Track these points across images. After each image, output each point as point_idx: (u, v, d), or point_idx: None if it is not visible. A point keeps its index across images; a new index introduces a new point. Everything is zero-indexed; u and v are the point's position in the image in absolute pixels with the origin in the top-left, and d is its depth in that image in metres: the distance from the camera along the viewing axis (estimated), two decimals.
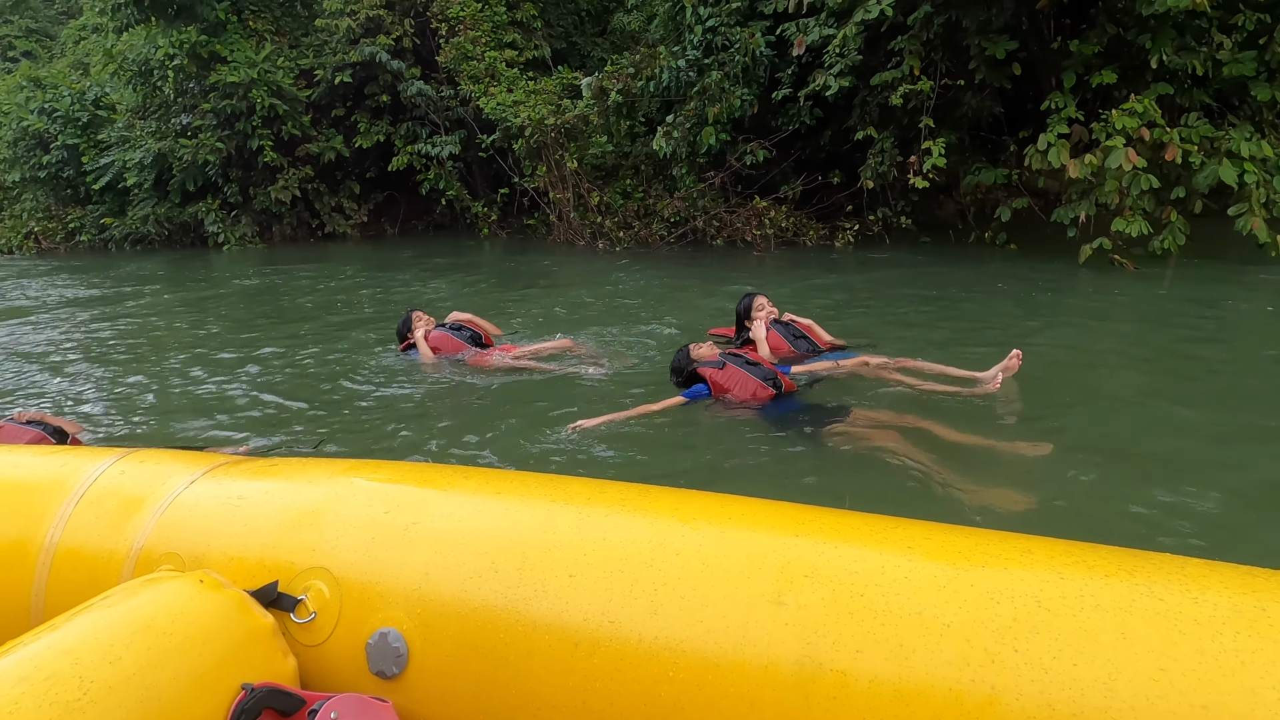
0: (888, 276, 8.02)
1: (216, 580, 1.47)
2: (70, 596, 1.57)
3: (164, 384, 5.58)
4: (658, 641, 1.24)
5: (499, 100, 11.74)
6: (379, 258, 12.29)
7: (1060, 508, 2.95)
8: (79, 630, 1.28)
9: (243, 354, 6.25)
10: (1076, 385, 4.31)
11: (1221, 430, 3.61)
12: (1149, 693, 1.00)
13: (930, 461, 3.26)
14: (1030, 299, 6.64)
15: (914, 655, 1.11)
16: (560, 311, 7.25)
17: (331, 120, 14.42)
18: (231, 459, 1.92)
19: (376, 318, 7.46)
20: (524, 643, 1.30)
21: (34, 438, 3.73)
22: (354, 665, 1.41)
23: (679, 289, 7.91)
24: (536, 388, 4.80)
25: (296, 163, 14.36)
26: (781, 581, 1.23)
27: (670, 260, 9.91)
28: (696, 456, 3.68)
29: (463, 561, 1.40)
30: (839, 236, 9.99)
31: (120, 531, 1.67)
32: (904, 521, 1.36)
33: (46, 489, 1.77)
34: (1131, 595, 1.10)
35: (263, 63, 13.62)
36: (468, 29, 12.87)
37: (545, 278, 9.76)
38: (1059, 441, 3.40)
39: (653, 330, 6.08)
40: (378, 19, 13.49)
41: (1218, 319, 5.70)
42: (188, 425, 4.57)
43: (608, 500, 1.48)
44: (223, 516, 1.63)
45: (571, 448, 3.75)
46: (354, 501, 1.58)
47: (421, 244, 13.64)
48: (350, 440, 4.15)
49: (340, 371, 5.51)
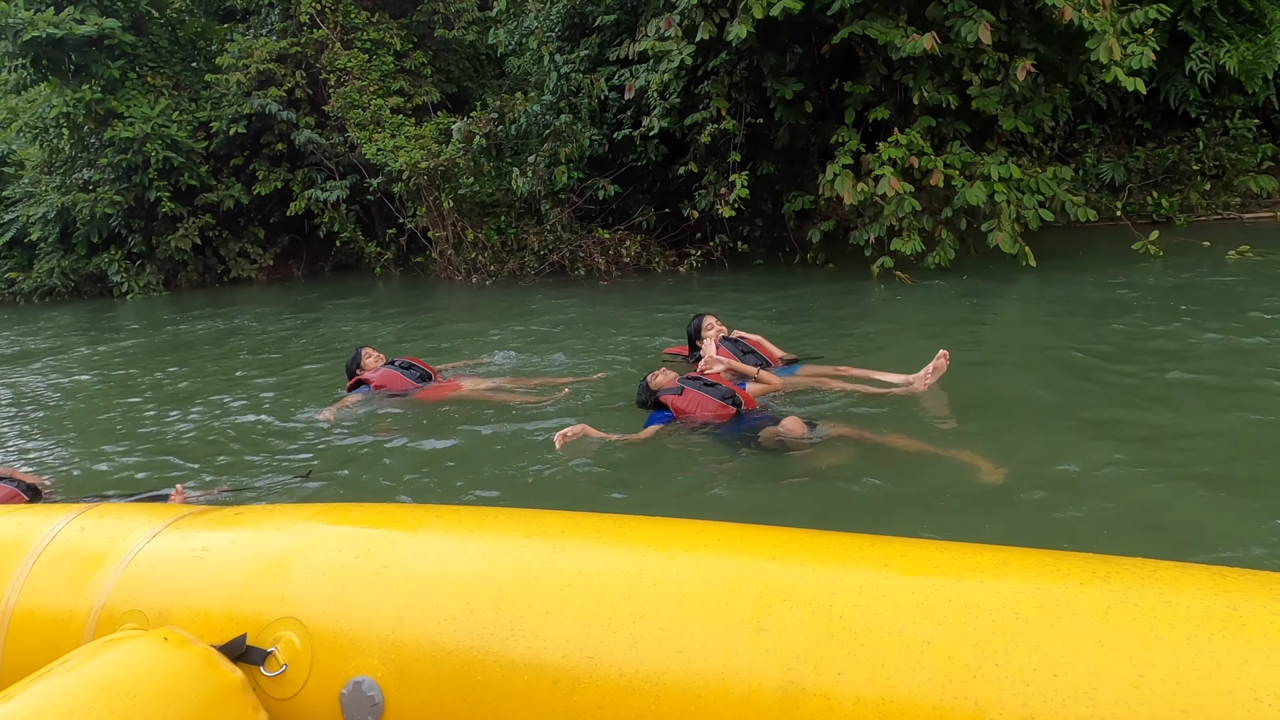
0: (725, 296, 8.90)
1: (182, 637, 1.42)
2: (29, 662, 1.51)
3: (110, 435, 5.44)
4: (638, 675, 1.22)
5: (380, 145, 12.49)
6: (280, 300, 12.75)
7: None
8: (37, 698, 1.23)
9: (178, 401, 6.16)
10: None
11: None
12: (1129, 699, 1.01)
13: (882, 470, 3.41)
14: (833, 311, 7.52)
15: (896, 675, 1.11)
16: (450, 344, 7.53)
17: (232, 169, 15.05)
18: (195, 509, 1.87)
19: (288, 360, 7.44)
20: (502, 684, 1.28)
21: (6, 494, 3.61)
22: (328, 717, 1.37)
23: (560, 316, 8.49)
24: (495, 419, 4.81)
25: (196, 211, 14.94)
26: (760, 607, 1.22)
27: (542, 290, 10.57)
28: (664, 480, 3.69)
29: (437, 604, 1.37)
30: (684, 262, 10.82)
31: (80, 591, 1.61)
32: (879, 539, 1.36)
33: (1, 550, 1.71)
34: (1107, 602, 1.11)
35: (157, 117, 14.19)
36: (355, 79, 13.75)
37: (432, 312, 10.25)
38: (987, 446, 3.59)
39: (558, 356, 6.32)
40: (269, 72, 14.28)
41: (993, 316, 6.57)
42: (145, 473, 4.46)
43: (582, 533, 1.47)
44: (187, 570, 1.59)
45: (537, 479, 3.76)
46: (323, 547, 1.54)
47: (323, 285, 14.25)
48: (312, 485, 4.06)
49: (287, 414, 5.40)
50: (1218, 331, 5.06)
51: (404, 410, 5.14)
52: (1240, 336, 4.94)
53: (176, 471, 4.42)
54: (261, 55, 14.20)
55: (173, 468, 4.52)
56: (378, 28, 14.32)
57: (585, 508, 2.03)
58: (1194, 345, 4.90)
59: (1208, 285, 6.73)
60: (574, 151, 10.80)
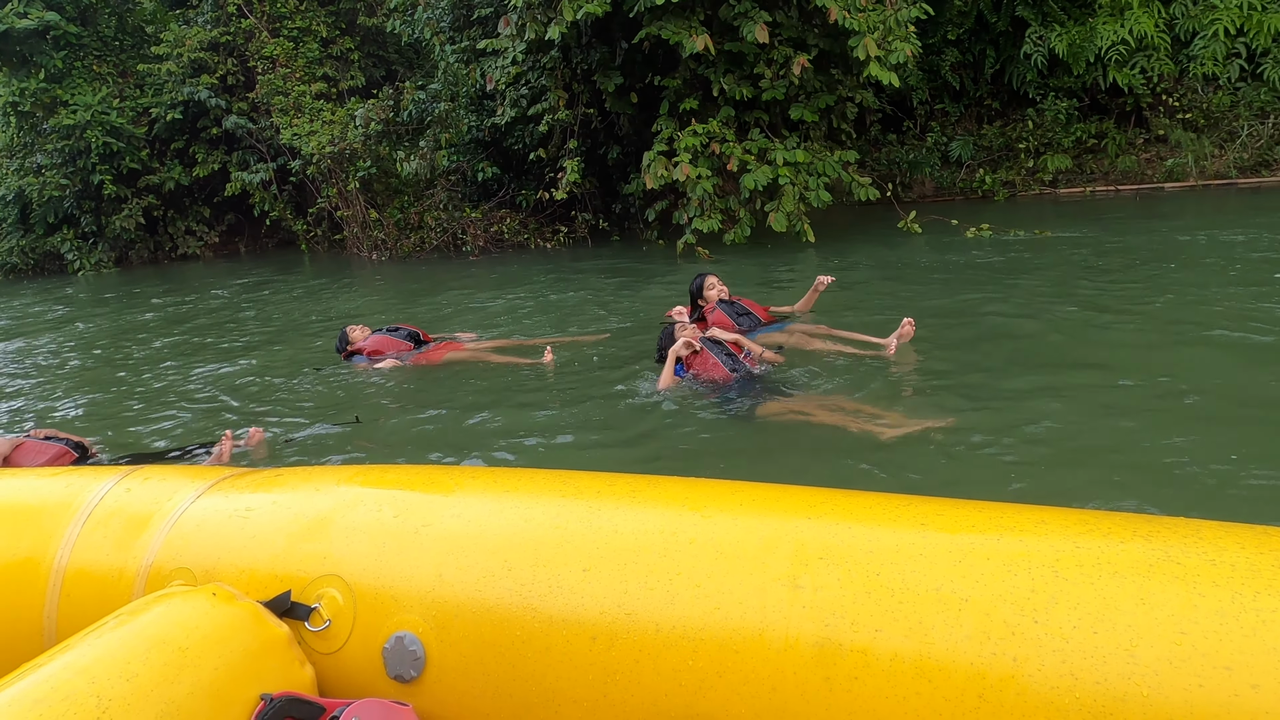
0: (580, 267, 9.80)
1: (229, 593, 1.46)
2: (82, 617, 1.57)
3: (136, 395, 5.64)
4: (675, 630, 1.23)
5: (296, 130, 13.26)
6: (212, 276, 13.65)
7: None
8: (94, 649, 1.28)
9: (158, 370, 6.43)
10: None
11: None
12: (1171, 656, 1.00)
13: (861, 429, 3.61)
14: (647, 280, 8.26)
15: (933, 631, 1.11)
16: (382, 315, 7.92)
17: (174, 152, 16.01)
18: (237, 471, 1.91)
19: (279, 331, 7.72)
20: (541, 639, 1.30)
21: (58, 452, 3.71)
22: (371, 670, 1.40)
23: (445, 288, 9.28)
24: (496, 380, 4.99)
25: (140, 193, 15.86)
26: (797, 564, 1.23)
27: (439, 264, 11.49)
28: (670, 440, 3.82)
29: (475, 561, 1.40)
30: (553, 240, 11.81)
31: (129, 549, 1.66)
32: (916, 499, 1.36)
33: (52, 511, 1.76)
34: (1149, 560, 1.10)
35: (98, 105, 14.96)
36: (281, 65, 14.63)
37: (348, 285, 10.88)
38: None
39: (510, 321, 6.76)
40: (201, 60, 15.18)
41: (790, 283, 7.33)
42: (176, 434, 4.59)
43: (618, 493, 1.48)
44: (231, 529, 1.62)
45: (542, 438, 3.92)
46: (362, 508, 1.57)
47: (263, 261, 15.11)
48: (328, 450, 4.16)
49: (286, 385, 5.53)
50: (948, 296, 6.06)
51: (407, 374, 5.29)
52: (946, 299, 5.95)
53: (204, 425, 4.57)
54: (193, 45, 15.11)
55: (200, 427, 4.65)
56: (305, 16, 15.12)
57: (589, 463, 2.10)
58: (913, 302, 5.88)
59: (951, 257, 7.75)
60: (454, 136, 11.85)
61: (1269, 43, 10.74)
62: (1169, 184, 11.10)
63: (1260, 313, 4.70)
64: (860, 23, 8.59)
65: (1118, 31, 10.88)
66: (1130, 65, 11.14)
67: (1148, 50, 11.09)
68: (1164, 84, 11.22)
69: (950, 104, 12.52)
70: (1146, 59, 11.11)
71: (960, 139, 12.39)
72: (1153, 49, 11.08)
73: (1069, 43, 11.06)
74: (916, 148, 12.48)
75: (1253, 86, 11.02)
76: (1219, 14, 10.90)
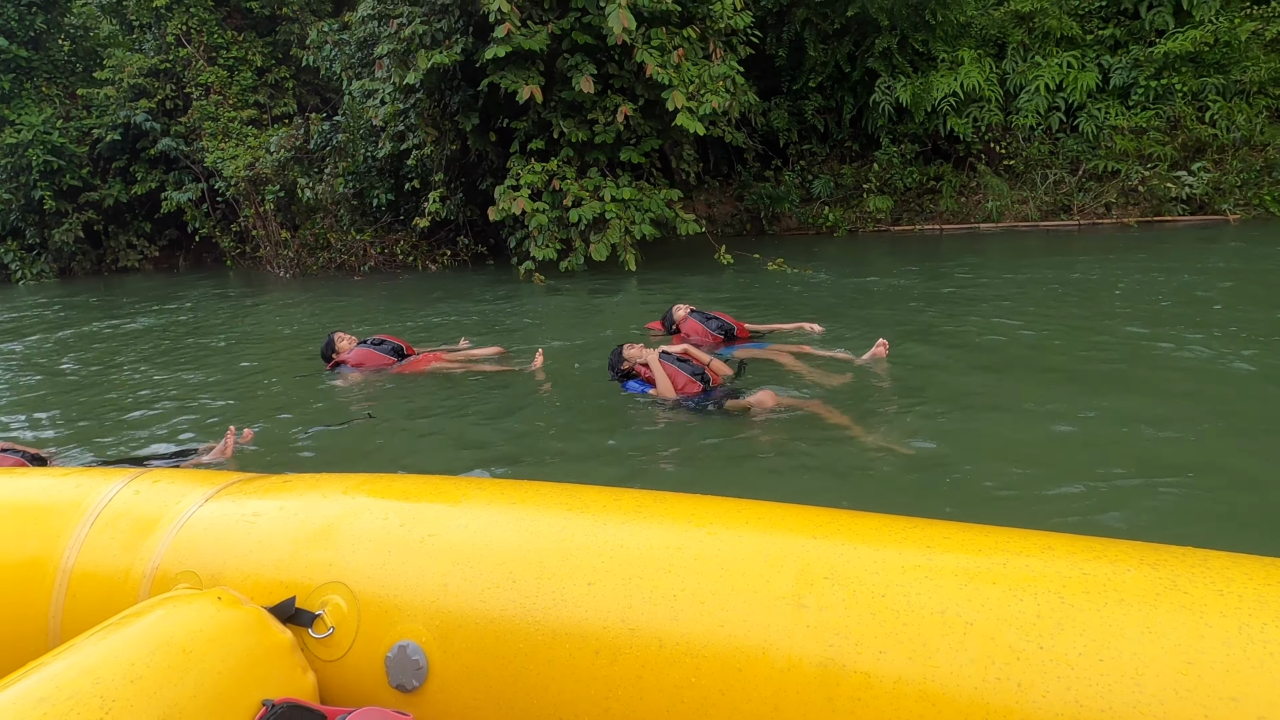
0: (451, 289, 10.69)
1: (234, 597, 1.46)
2: (88, 617, 1.57)
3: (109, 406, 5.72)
4: (679, 647, 1.23)
5: (219, 155, 14.59)
6: (155, 288, 14.52)
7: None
8: (99, 650, 1.28)
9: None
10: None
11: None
12: (1177, 686, 1.00)
13: (826, 440, 3.80)
14: (501, 303, 9.09)
15: (938, 654, 1.11)
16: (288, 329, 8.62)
17: (115, 170, 17.15)
18: (243, 477, 1.92)
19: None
20: (544, 652, 1.30)
21: (14, 464, 3.66)
22: (373, 679, 1.40)
23: (341, 302, 10.32)
24: (478, 388, 5.13)
25: (80, 208, 17.00)
26: (801, 584, 1.23)
27: (343, 282, 12.56)
28: (640, 453, 3.90)
29: (480, 572, 1.40)
30: (438, 262, 12.95)
31: (135, 551, 1.67)
32: (922, 521, 1.36)
33: (61, 511, 1.77)
34: (1156, 589, 1.10)
35: (40, 125, 16.13)
36: (215, 92, 15.94)
37: (256, 302, 11.64)
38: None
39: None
40: (141, 86, 16.40)
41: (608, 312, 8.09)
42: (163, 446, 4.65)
43: (623, 507, 1.48)
44: (238, 534, 1.63)
45: (523, 448, 4.03)
46: (368, 516, 1.58)
47: (196, 274, 16.29)
48: (319, 461, 4.21)
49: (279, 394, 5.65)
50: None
51: (389, 385, 5.42)
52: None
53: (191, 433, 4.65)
54: (132, 71, 16.42)
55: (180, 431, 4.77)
56: (241, 46, 16.29)
57: (560, 476, 2.15)
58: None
59: (754, 285, 8.83)
60: (351, 165, 13.01)
61: (1084, 98, 12.03)
62: (984, 224, 12.36)
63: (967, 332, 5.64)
64: (672, 77, 9.76)
65: (950, 84, 12.30)
66: (965, 115, 12.51)
67: (981, 102, 12.49)
68: (991, 133, 12.57)
69: (817, 145, 13.94)
70: (980, 109, 12.49)
71: (822, 177, 13.66)
72: (984, 101, 12.49)
73: (912, 93, 12.43)
74: (788, 185, 13.80)
75: (1071, 138, 12.31)
76: (1041, 70, 12.29)
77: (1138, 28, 12.07)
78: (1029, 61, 12.51)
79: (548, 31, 9.82)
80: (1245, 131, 11.21)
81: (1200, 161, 11.34)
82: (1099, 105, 12.04)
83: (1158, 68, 11.59)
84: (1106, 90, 12.11)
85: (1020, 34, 12.66)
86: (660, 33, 10.05)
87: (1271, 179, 11.00)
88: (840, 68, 13.07)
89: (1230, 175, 11.16)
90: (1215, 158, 11.38)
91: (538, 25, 9.90)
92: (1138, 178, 11.51)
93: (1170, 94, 11.62)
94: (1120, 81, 11.93)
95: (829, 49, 12.93)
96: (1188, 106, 11.57)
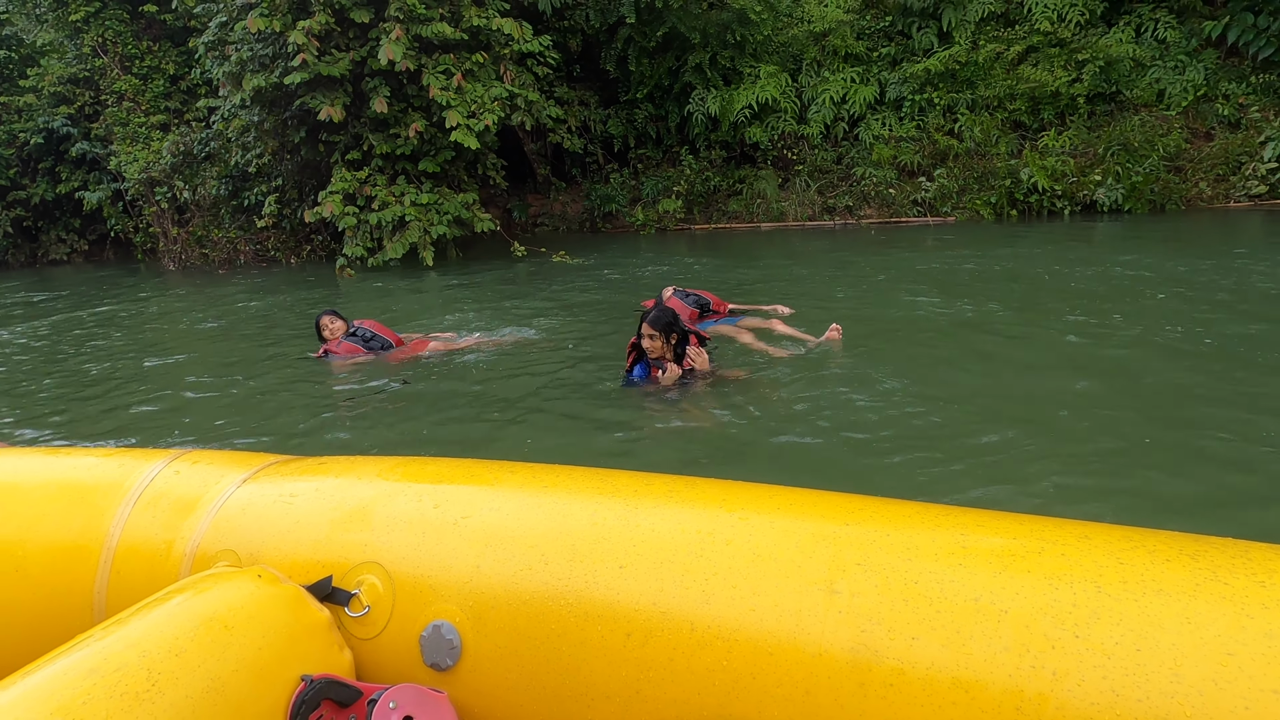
0: (304, 283, 12.01)
1: (273, 575, 1.49)
2: (131, 593, 1.62)
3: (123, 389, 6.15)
4: (710, 630, 1.24)
5: (122, 158, 16.09)
6: (65, 280, 16.17)
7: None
8: (145, 624, 1.32)
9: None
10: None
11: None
12: (1217, 677, 0.99)
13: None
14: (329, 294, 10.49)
15: (971, 641, 1.10)
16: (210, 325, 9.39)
17: (43, 170, 18.99)
18: (280, 459, 1.95)
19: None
20: (576, 633, 1.31)
21: None
22: (408, 658, 1.43)
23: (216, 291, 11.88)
24: (476, 371, 5.46)
25: (9, 206, 19.12)
26: (833, 569, 1.23)
27: (226, 275, 14.10)
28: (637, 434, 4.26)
29: (513, 554, 1.42)
30: (298, 258, 14.70)
31: (177, 530, 1.71)
32: (955, 509, 1.35)
33: (105, 490, 1.82)
34: (1195, 580, 1.08)
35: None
36: (127, 100, 17.25)
37: (146, 292, 13.03)
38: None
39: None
40: (59, 94, 18.16)
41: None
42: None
43: (654, 492, 1.49)
44: (276, 514, 1.66)
45: (524, 429, 4.33)
46: (403, 498, 1.60)
47: (121, 267, 17.77)
48: (320, 445, 4.37)
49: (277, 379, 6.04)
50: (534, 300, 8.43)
51: (382, 370, 5.74)
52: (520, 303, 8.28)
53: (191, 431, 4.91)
54: (52, 80, 18.13)
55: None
56: (155, 55, 17.51)
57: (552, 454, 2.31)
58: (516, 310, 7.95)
59: (538, 276, 10.42)
60: (224, 169, 14.78)
61: (864, 110, 13.89)
62: (765, 224, 14.18)
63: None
64: (451, 99, 11.51)
65: (748, 97, 14.09)
66: (765, 125, 14.27)
67: (779, 113, 14.21)
68: (784, 141, 14.32)
69: (652, 149, 15.73)
70: (777, 120, 14.24)
71: (650, 180, 15.30)
72: (782, 112, 14.18)
73: (720, 104, 14.24)
74: (615, 186, 15.63)
75: (854, 146, 14.05)
76: (828, 84, 14.10)
77: (911, 46, 13.79)
78: (819, 76, 14.26)
79: (349, 59, 11.59)
80: (982, 141, 12.92)
81: (941, 169, 13.12)
82: (877, 117, 13.89)
83: (920, 83, 13.37)
84: (884, 103, 13.91)
85: (814, 51, 14.42)
86: (448, 59, 11.75)
87: (983, 185, 12.69)
88: (662, 81, 14.90)
89: (953, 182, 12.91)
90: (952, 166, 13.07)
91: (341, 53, 11.62)
92: (887, 183, 13.41)
93: (932, 107, 13.40)
94: (894, 95, 13.73)
95: (653, 64, 14.71)
96: (942, 119, 13.38)
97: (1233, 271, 7.09)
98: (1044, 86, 12.59)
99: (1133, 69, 12.59)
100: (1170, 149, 12.01)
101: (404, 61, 11.17)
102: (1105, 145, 12.29)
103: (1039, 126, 12.98)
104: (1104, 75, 12.56)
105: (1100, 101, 12.80)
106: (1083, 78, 12.58)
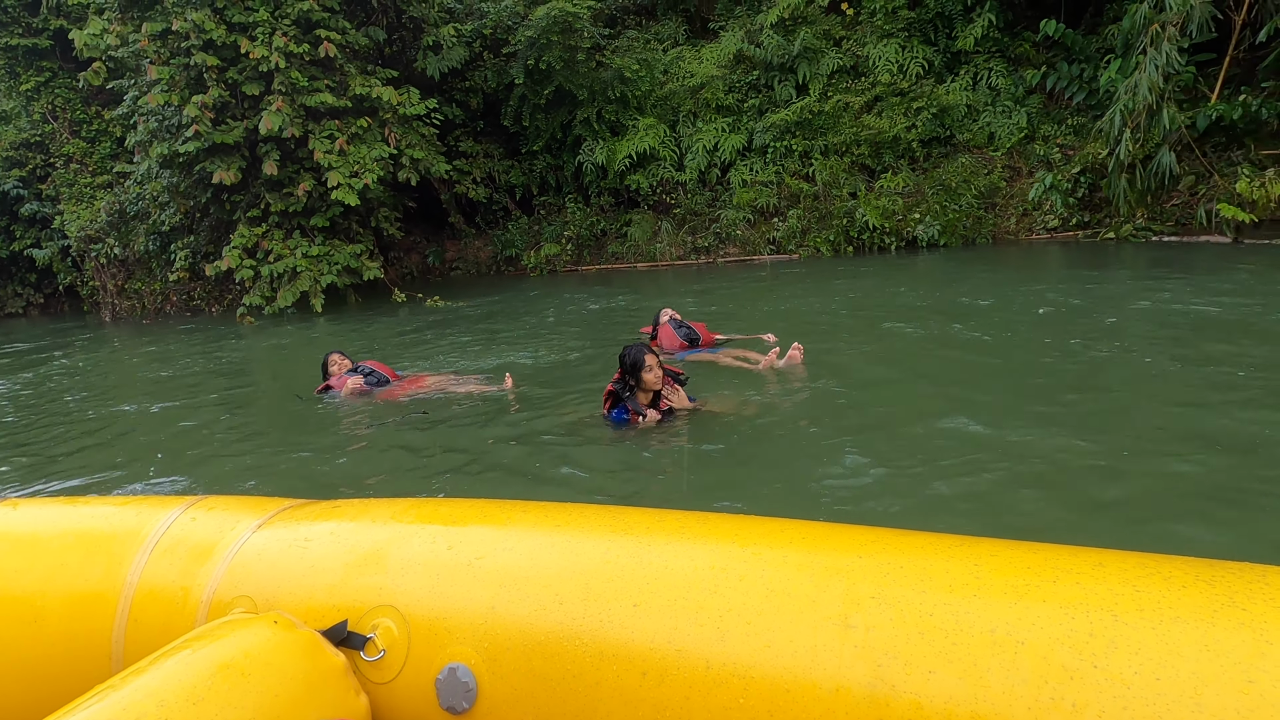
0: (216, 330, 13.09)
1: (289, 621, 1.50)
2: (148, 640, 1.62)
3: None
4: (725, 668, 1.23)
5: (66, 216, 17.38)
6: (21, 333, 17.14)
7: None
8: (163, 674, 1.32)
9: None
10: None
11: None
12: (1238, 705, 0.97)
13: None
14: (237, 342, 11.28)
15: (989, 674, 1.10)
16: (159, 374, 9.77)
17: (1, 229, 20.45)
18: (294, 503, 1.96)
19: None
20: (592, 673, 1.31)
21: None
22: (424, 701, 1.42)
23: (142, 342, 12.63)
24: (479, 413, 5.45)
25: None
26: (848, 603, 1.22)
27: (156, 325, 15.14)
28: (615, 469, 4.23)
29: (527, 595, 1.42)
30: (218, 307, 15.85)
31: (194, 577, 1.72)
32: (969, 539, 1.35)
33: (123, 539, 1.83)
34: (1213, 606, 1.08)
35: None
36: (74, 162, 18.48)
37: (89, 342, 13.98)
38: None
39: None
40: (11, 158, 19.47)
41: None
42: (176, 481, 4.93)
43: (667, 529, 1.49)
44: (291, 559, 1.67)
45: (497, 464, 4.34)
46: (417, 540, 1.61)
47: (74, 320, 18.76)
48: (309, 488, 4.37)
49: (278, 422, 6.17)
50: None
51: (374, 408, 5.86)
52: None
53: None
54: (4, 145, 19.51)
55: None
56: (102, 120, 18.30)
57: (539, 494, 2.76)
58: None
59: (413, 321, 11.23)
60: (151, 226, 15.97)
61: (734, 157, 15.17)
62: (641, 264, 15.48)
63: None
64: (334, 161, 12.94)
65: (629, 147, 15.48)
66: (646, 172, 15.63)
67: (660, 161, 15.62)
68: (663, 187, 15.67)
69: (552, 197, 17.01)
70: (657, 167, 15.64)
71: (550, 225, 16.61)
72: (662, 160, 15.61)
73: (606, 154, 15.63)
74: (514, 233, 16.95)
75: (724, 190, 15.27)
76: (702, 134, 15.47)
77: (774, 98, 15.12)
78: (695, 127, 15.67)
79: (243, 127, 12.96)
80: (829, 184, 14.07)
81: (795, 209, 14.24)
82: (745, 162, 15.14)
83: (780, 132, 14.62)
84: (752, 150, 15.17)
85: (690, 104, 15.80)
86: (333, 124, 13.19)
87: (824, 224, 13.88)
88: (556, 134, 16.24)
89: (801, 222, 14.08)
90: (801, 208, 14.21)
91: (235, 122, 13.02)
92: (745, 224, 14.72)
93: (790, 153, 14.65)
94: (760, 143, 14.98)
95: (547, 118, 16.06)
96: (799, 164, 14.62)
97: (1019, 297, 7.78)
98: (884, 133, 13.95)
99: (966, 114, 13.95)
100: (983, 188, 13.17)
101: (290, 129, 12.59)
102: (930, 185, 13.49)
103: (882, 169, 14.17)
104: (938, 121, 13.93)
105: (936, 145, 14.10)
106: (917, 124, 13.92)
